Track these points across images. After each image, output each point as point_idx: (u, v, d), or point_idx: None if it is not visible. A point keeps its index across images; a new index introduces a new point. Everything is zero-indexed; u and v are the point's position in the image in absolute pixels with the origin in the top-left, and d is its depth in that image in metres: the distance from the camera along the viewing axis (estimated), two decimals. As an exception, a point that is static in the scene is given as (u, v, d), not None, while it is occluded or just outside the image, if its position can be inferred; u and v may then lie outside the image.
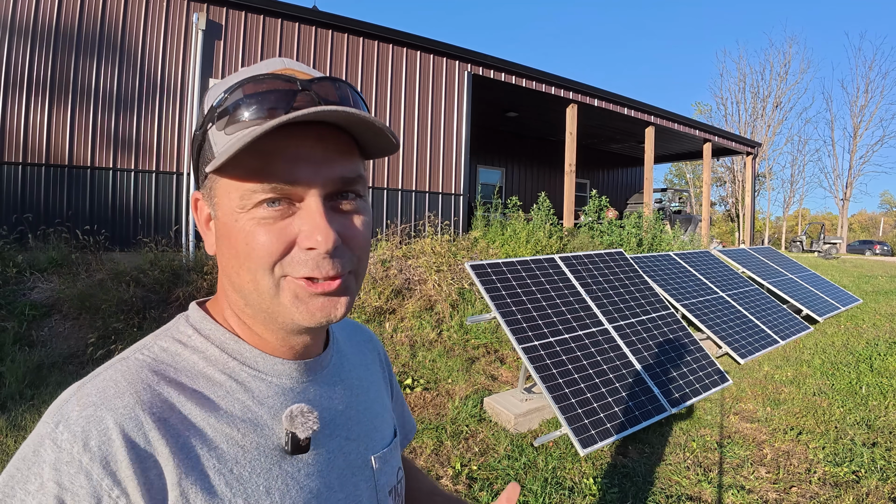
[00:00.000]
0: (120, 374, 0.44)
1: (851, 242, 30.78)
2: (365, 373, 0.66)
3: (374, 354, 0.72)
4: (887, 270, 12.54)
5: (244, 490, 0.45)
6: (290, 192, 0.44)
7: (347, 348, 0.66)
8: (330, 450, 0.53)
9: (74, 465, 0.38)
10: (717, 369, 4.22)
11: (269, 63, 0.49)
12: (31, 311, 4.28)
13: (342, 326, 0.69)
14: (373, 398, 0.64)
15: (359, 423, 0.58)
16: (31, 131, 5.71)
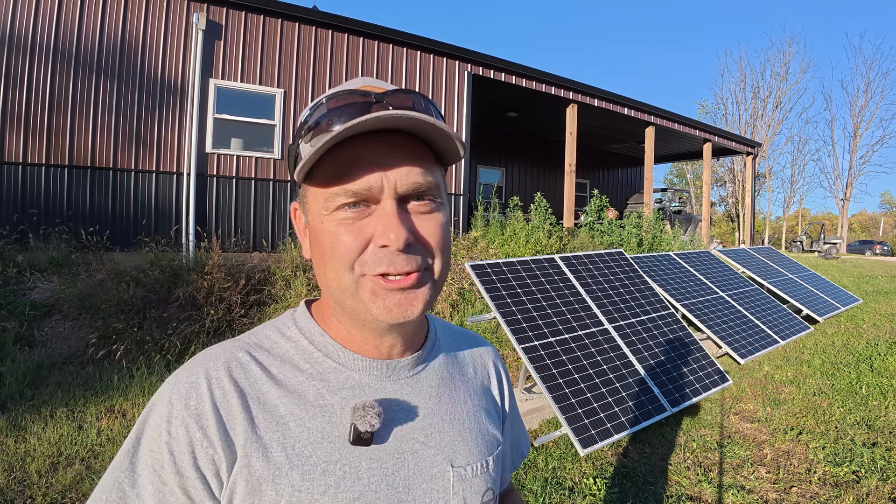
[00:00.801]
0: (221, 350, 0.56)
1: (851, 242, 30.79)
2: (463, 384, 0.64)
3: (484, 369, 0.70)
4: (887, 270, 12.54)
5: (301, 466, 0.50)
6: (367, 196, 0.48)
7: (449, 357, 0.65)
8: (400, 450, 0.54)
9: (178, 419, 0.49)
10: (717, 369, 4.22)
11: (352, 81, 0.54)
12: (31, 311, 4.28)
13: (455, 335, 0.70)
14: (467, 411, 0.62)
15: (441, 431, 0.57)
16: (31, 131, 5.71)
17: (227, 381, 0.52)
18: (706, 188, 13.48)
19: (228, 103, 6.70)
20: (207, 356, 0.55)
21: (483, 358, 0.71)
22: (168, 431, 0.49)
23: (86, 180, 5.94)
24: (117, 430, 3.06)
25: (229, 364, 0.54)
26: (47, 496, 2.46)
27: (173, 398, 0.51)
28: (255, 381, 0.53)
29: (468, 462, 0.58)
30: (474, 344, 0.72)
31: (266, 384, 0.53)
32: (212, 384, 0.51)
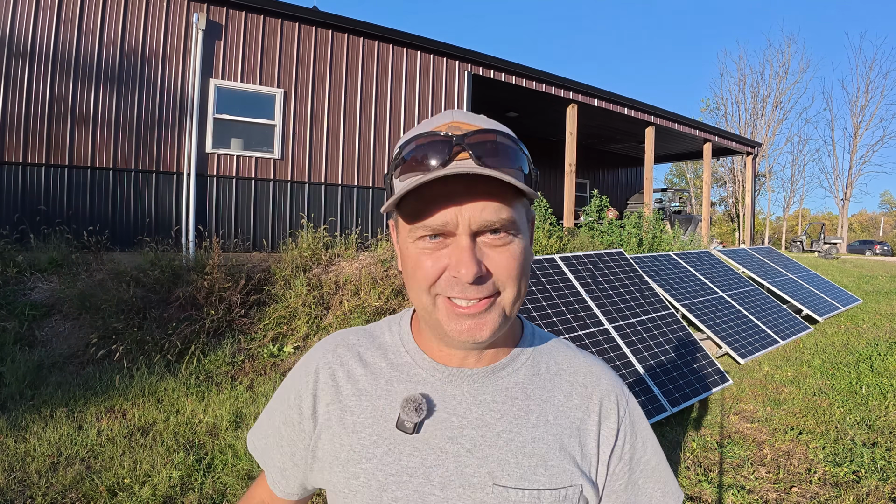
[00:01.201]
0: (341, 333, 0.71)
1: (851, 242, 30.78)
2: (540, 408, 0.61)
3: (584, 402, 0.63)
4: (887, 270, 12.54)
5: (359, 433, 0.61)
6: (443, 230, 0.53)
7: (537, 378, 0.63)
8: (443, 450, 0.59)
9: (303, 375, 0.68)
10: (717, 369, 4.22)
11: (440, 116, 0.59)
12: (31, 311, 4.28)
13: (561, 358, 0.66)
14: (533, 437, 0.59)
15: (491, 446, 0.58)
16: (31, 131, 5.71)
17: (332, 356, 0.67)
18: (706, 188, 13.48)
19: (228, 103, 6.70)
20: (332, 336, 0.71)
21: (589, 391, 0.64)
22: (296, 378, 0.69)
23: (86, 180, 5.94)
24: (117, 430, 3.07)
25: (339, 344, 0.68)
26: (47, 496, 2.46)
27: (303, 361, 0.70)
28: (351, 359, 0.66)
29: (515, 485, 0.57)
30: (586, 374, 0.65)
31: (357, 364, 0.66)
32: (321, 356, 0.68)
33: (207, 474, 2.73)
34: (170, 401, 3.48)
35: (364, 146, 7.58)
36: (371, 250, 6.56)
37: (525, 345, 0.65)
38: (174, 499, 2.51)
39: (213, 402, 3.46)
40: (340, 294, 5.27)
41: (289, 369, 4.19)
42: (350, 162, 7.47)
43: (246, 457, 2.86)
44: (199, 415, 3.31)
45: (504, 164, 0.52)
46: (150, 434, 3.07)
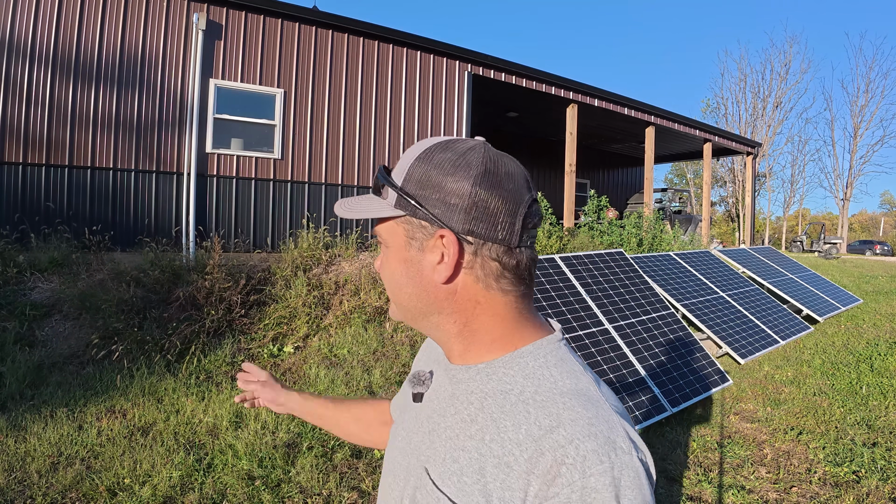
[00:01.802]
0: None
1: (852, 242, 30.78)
2: (483, 422, 0.56)
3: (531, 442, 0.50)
4: (888, 270, 12.54)
5: (405, 392, 0.76)
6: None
7: (500, 397, 0.56)
8: (420, 424, 0.66)
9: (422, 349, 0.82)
10: (717, 369, 4.22)
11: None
12: (31, 311, 4.28)
13: (542, 394, 0.54)
14: (461, 444, 0.56)
15: (439, 437, 0.61)
16: (31, 131, 5.71)
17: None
18: (706, 188, 13.48)
19: (228, 103, 6.70)
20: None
21: (545, 437, 0.49)
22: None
23: (86, 180, 5.94)
24: (117, 430, 3.07)
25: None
26: (47, 496, 2.46)
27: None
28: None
29: (434, 478, 0.57)
30: (555, 419, 0.50)
31: (430, 342, 0.77)
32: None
33: (207, 474, 2.73)
34: (170, 401, 3.48)
35: (364, 146, 7.58)
36: (371, 250, 6.56)
37: (515, 359, 0.58)
38: (174, 499, 2.51)
39: (213, 402, 3.46)
40: (340, 294, 5.27)
41: (289, 369, 4.20)
42: (350, 162, 7.47)
43: (246, 457, 2.87)
44: (200, 415, 3.31)
45: (376, 190, 0.62)
46: (150, 434, 3.07)
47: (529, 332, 0.60)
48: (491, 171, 0.55)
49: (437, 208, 0.56)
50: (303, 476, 2.74)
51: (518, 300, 0.59)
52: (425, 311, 0.61)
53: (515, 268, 0.57)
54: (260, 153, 6.86)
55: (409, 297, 0.61)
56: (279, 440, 3.06)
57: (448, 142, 0.58)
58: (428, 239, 0.57)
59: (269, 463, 2.84)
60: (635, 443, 0.50)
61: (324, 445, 3.09)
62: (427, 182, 0.56)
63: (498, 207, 0.55)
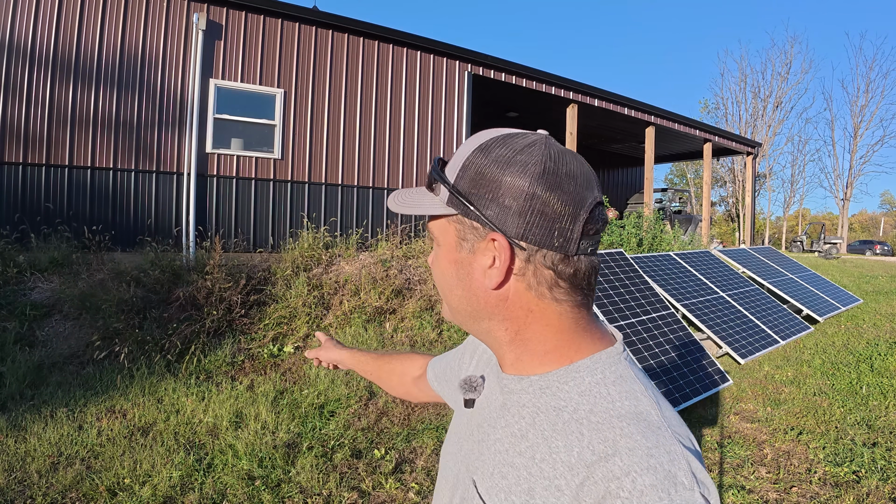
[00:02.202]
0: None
1: (852, 242, 30.78)
2: (535, 439, 0.53)
3: (583, 467, 0.47)
4: (888, 270, 12.54)
5: (459, 395, 0.72)
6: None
7: (554, 414, 0.53)
8: (471, 431, 0.64)
9: (465, 344, 0.84)
10: (717, 369, 4.22)
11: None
12: (31, 311, 4.28)
13: (598, 414, 0.51)
14: (510, 460, 0.54)
15: (488, 448, 0.59)
16: (31, 132, 5.71)
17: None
18: (706, 188, 13.48)
19: (228, 103, 6.70)
20: None
21: (598, 461, 0.47)
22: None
23: (86, 180, 5.95)
24: (117, 430, 3.07)
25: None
26: (47, 496, 2.47)
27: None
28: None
29: (481, 490, 0.56)
30: (608, 443, 0.48)
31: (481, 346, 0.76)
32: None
33: (207, 474, 2.73)
34: (170, 401, 3.48)
35: (364, 146, 7.58)
36: (371, 250, 6.56)
37: (571, 373, 0.54)
38: (174, 499, 2.51)
39: (214, 402, 3.46)
40: (341, 294, 5.27)
41: (289, 369, 4.20)
42: (350, 162, 7.47)
43: (246, 457, 2.87)
44: (200, 415, 3.31)
45: (430, 185, 0.59)
46: (150, 434, 3.07)
47: (587, 344, 0.56)
48: (550, 171, 0.50)
49: (490, 209, 0.52)
50: (303, 476, 2.74)
51: (574, 310, 0.54)
52: (475, 316, 0.58)
53: (572, 277, 0.53)
54: (260, 153, 6.86)
55: (458, 299, 0.58)
56: (279, 440, 3.06)
57: (507, 136, 0.54)
58: (479, 241, 0.54)
59: (269, 463, 2.84)
60: (697, 477, 0.45)
61: (324, 445, 3.09)
62: (481, 180, 0.52)
63: (556, 211, 0.50)
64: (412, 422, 3.50)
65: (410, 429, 3.39)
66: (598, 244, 0.55)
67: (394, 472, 2.87)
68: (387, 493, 2.68)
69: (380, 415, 3.55)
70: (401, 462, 2.99)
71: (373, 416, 3.53)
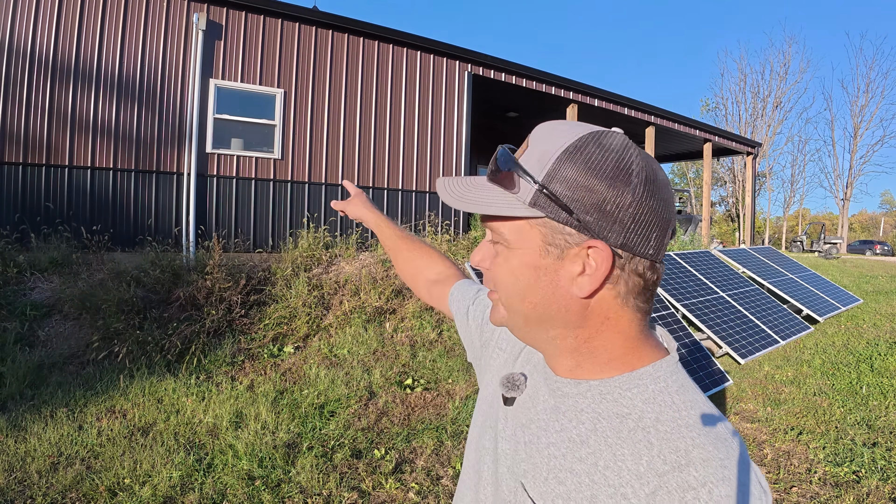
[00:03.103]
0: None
1: (852, 242, 30.78)
2: (596, 445, 0.52)
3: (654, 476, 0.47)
4: (888, 270, 12.54)
5: (493, 377, 0.72)
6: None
7: (616, 421, 0.52)
8: (514, 432, 0.62)
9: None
10: (717, 369, 4.22)
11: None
12: (31, 311, 4.28)
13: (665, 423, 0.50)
14: (569, 466, 0.53)
15: (539, 452, 0.57)
16: (31, 132, 5.71)
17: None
18: (706, 188, 13.48)
19: (228, 103, 6.70)
20: None
21: (670, 471, 0.47)
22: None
23: (86, 181, 5.94)
24: (117, 430, 3.07)
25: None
26: (47, 496, 2.47)
27: None
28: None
29: (533, 496, 0.55)
30: (679, 452, 0.47)
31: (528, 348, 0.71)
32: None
33: (207, 474, 2.73)
34: (170, 401, 3.48)
35: (364, 146, 7.58)
36: (371, 250, 6.56)
37: (634, 380, 0.54)
38: (174, 499, 2.51)
39: (214, 402, 3.47)
40: (341, 294, 5.28)
41: (289, 369, 4.20)
42: (350, 162, 7.47)
43: (246, 457, 2.87)
44: (200, 415, 3.31)
45: (497, 180, 0.54)
46: (150, 434, 3.07)
47: (647, 351, 0.55)
48: (651, 179, 0.49)
49: (590, 215, 0.49)
50: (303, 476, 2.74)
51: (644, 317, 0.54)
52: (546, 323, 0.55)
53: (654, 284, 0.53)
54: (260, 153, 6.86)
55: (532, 306, 0.54)
56: (279, 440, 3.06)
57: (597, 134, 0.51)
58: (571, 248, 0.51)
59: (269, 463, 2.84)
60: (763, 487, 0.47)
61: (324, 445, 3.09)
62: (579, 184, 0.49)
63: (654, 219, 0.49)
64: (412, 422, 3.50)
65: (410, 429, 3.39)
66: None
67: (394, 472, 2.87)
68: (387, 493, 2.68)
69: (380, 415, 3.55)
70: (401, 462, 2.99)
71: (373, 416, 3.53)
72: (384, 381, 4.05)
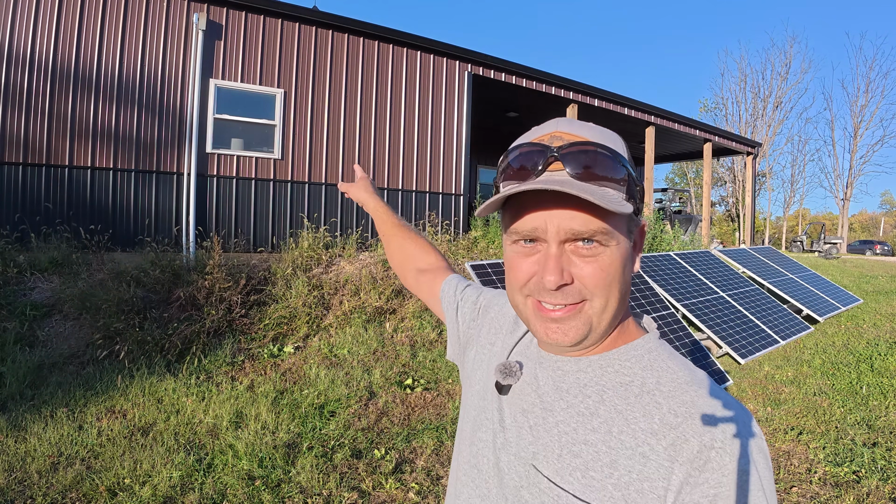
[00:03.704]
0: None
1: (852, 242, 30.77)
2: (607, 414, 0.55)
3: (667, 430, 0.52)
4: (888, 270, 12.53)
5: (480, 372, 0.74)
6: (534, 236, 0.55)
7: (621, 390, 0.56)
8: (514, 418, 0.63)
9: (496, 295, 0.84)
10: (717, 369, 4.22)
11: (547, 124, 0.60)
12: (31, 311, 4.28)
13: (666, 384, 0.55)
14: (583, 438, 0.55)
15: (547, 431, 0.58)
16: (31, 132, 5.71)
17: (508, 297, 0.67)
18: (706, 188, 13.48)
19: (229, 103, 6.70)
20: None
21: (682, 424, 0.51)
22: (493, 293, 0.86)
23: (86, 181, 5.94)
24: (118, 430, 3.07)
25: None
26: (48, 496, 2.47)
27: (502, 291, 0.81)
28: (511, 308, 0.76)
29: (549, 475, 0.56)
30: (687, 405, 0.53)
31: (510, 317, 0.76)
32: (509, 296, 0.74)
33: (207, 474, 2.73)
34: (170, 401, 3.48)
35: (364, 146, 7.58)
36: (371, 250, 6.56)
37: (629, 352, 0.58)
38: (174, 499, 2.51)
39: (214, 402, 3.47)
40: (341, 294, 5.27)
41: (289, 369, 4.20)
42: (350, 162, 7.47)
43: (246, 457, 2.87)
44: (200, 415, 3.31)
45: (597, 178, 0.53)
46: (150, 434, 3.07)
47: (634, 327, 0.62)
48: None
49: (642, 201, 0.58)
50: (303, 476, 2.74)
51: None
52: (621, 307, 0.58)
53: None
54: (260, 153, 6.86)
55: (623, 296, 0.57)
56: (279, 440, 3.06)
57: (616, 134, 0.59)
58: (635, 231, 0.59)
59: (269, 463, 2.84)
60: (759, 431, 0.54)
61: (324, 445, 3.09)
62: (631, 175, 0.57)
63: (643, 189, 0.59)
64: (412, 422, 3.50)
65: (410, 429, 3.39)
66: None
67: (394, 472, 2.87)
68: (387, 493, 2.68)
69: (380, 415, 3.55)
70: (401, 462, 2.99)
71: (373, 416, 3.53)
72: (384, 381, 4.05)
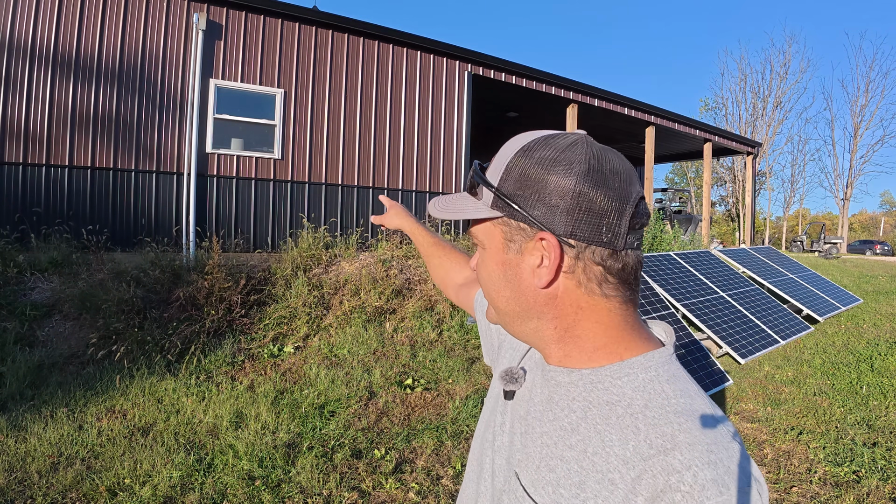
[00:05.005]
0: None
1: (852, 242, 30.77)
2: (586, 433, 0.53)
3: (639, 461, 0.47)
4: (888, 270, 12.53)
5: (495, 381, 0.73)
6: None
7: (607, 409, 0.53)
8: (512, 423, 0.63)
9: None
10: (717, 369, 4.22)
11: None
12: (31, 311, 4.28)
13: (653, 410, 0.50)
14: (560, 453, 0.54)
15: (533, 441, 0.58)
16: (31, 132, 5.71)
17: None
18: (706, 188, 13.48)
19: (228, 103, 6.70)
20: None
21: (655, 456, 0.47)
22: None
23: (86, 180, 5.94)
24: (118, 430, 3.07)
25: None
26: (48, 496, 2.46)
27: None
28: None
29: (525, 484, 0.56)
30: (665, 437, 0.47)
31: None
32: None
33: (208, 474, 2.73)
34: (170, 401, 3.48)
35: (364, 146, 7.58)
36: (371, 250, 6.56)
37: (625, 368, 0.55)
38: (174, 499, 2.51)
39: (214, 402, 3.46)
40: (341, 294, 5.27)
41: (289, 369, 4.20)
42: (350, 162, 7.47)
43: (246, 457, 2.86)
44: (200, 415, 3.31)
45: (471, 192, 0.59)
46: (150, 434, 3.07)
47: (637, 342, 0.56)
48: (595, 169, 0.51)
49: (536, 209, 0.52)
50: (303, 476, 2.74)
51: (623, 305, 0.55)
52: (524, 316, 0.58)
53: (620, 272, 0.53)
54: (260, 153, 6.86)
55: (507, 300, 0.58)
56: (279, 440, 3.06)
57: (548, 137, 0.54)
58: (527, 241, 0.55)
59: (269, 463, 2.84)
60: (754, 475, 0.46)
61: (324, 445, 3.09)
62: (526, 181, 0.53)
63: (603, 207, 0.51)
64: (412, 422, 3.50)
65: (410, 429, 3.39)
66: (642, 238, 0.56)
67: (394, 472, 2.86)
68: (387, 493, 2.68)
69: (380, 415, 3.55)
70: (401, 462, 2.99)
71: (373, 416, 3.53)
72: (384, 381, 4.05)
